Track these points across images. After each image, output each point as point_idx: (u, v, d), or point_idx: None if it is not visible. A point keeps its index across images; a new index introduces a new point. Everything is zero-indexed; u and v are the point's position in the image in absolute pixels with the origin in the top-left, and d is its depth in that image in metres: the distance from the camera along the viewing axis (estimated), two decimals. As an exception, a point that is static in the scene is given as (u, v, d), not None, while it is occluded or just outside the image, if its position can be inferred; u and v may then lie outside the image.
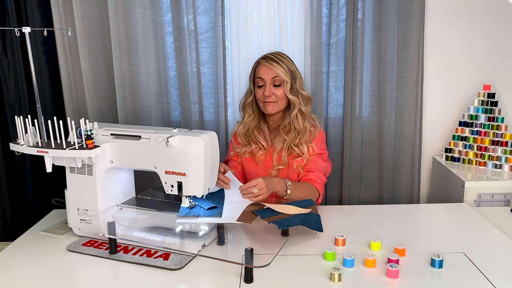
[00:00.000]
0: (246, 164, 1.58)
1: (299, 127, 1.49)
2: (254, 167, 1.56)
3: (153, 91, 1.93)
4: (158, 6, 1.88)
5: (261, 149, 1.54)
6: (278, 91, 1.47)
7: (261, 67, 1.49)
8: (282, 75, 1.46)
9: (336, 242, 1.21)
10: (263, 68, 1.48)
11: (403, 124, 1.99)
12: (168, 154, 1.19)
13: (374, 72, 1.96)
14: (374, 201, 2.08)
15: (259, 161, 1.54)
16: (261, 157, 1.54)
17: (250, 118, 1.56)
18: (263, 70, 1.48)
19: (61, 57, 1.91)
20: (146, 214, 1.29)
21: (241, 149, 1.57)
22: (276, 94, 1.47)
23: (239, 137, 1.59)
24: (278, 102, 1.49)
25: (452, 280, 1.03)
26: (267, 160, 1.55)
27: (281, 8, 1.91)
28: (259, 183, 1.29)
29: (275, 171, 1.52)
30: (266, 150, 1.54)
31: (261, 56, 1.53)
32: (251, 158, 1.57)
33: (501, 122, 1.86)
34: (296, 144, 1.49)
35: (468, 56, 1.98)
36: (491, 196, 1.67)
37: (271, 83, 1.47)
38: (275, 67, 1.45)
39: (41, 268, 1.13)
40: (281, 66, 1.46)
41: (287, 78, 1.46)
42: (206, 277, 1.08)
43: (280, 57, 1.49)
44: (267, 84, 1.47)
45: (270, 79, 1.47)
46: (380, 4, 1.87)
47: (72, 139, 1.19)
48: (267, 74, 1.47)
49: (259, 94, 1.50)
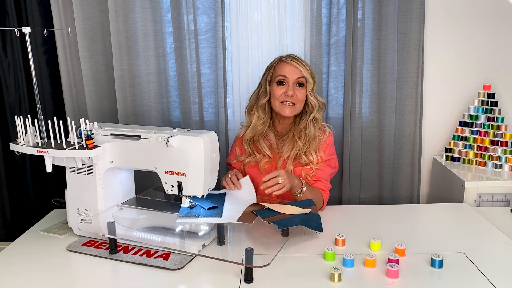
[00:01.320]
0: (249, 171, 1.54)
1: (310, 134, 1.46)
2: (257, 175, 1.51)
3: (153, 91, 1.93)
4: (158, 6, 1.88)
5: (265, 157, 1.50)
6: (300, 92, 1.43)
7: (285, 66, 1.44)
8: (307, 76, 1.42)
9: (336, 242, 1.21)
10: (287, 67, 1.43)
11: (403, 124, 1.99)
12: (168, 154, 1.19)
13: (374, 72, 1.96)
14: (374, 201, 2.08)
15: (263, 169, 1.50)
16: (265, 165, 1.50)
17: (261, 122, 1.49)
18: (287, 68, 1.43)
19: (61, 57, 1.91)
20: (146, 214, 1.29)
21: (245, 159, 1.53)
22: (298, 95, 1.42)
23: (245, 143, 1.53)
24: (297, 104, 1.44)
25: (452, 280, 1.03)
26: (271, 168, 1.50)
27: (281, 8, 1.91)
28: (281, 173, 1.27)
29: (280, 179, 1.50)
30: (272, 158, 1.50)
31: (281, 56, 1.49)
32: (255, 166, 1.52)
33: (501, 122, 1.86)
34: (305, 152, 1.46)
35: (468, 56, 1.98)
36: (491, 196, 1.67)
37: (295, 83, 1.43)
38: (301, 67, 1.42)
39: (41, 268, 1.13)
40: (304, 67, 1.43)
41: (310, 80, 1.43)
42: (206, 277, 1.08)
43: (302, 59, 1.47)
44: (290, 83, 1.42)
45: (295, 79, 1.42)
46: (380, 4, 1.87)
47: (72, 139, 1.19)
48: (292, 74, 1.42)
49: (278, 93, 1.43)
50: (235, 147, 1.60)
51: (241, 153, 1.57)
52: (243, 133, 1.56)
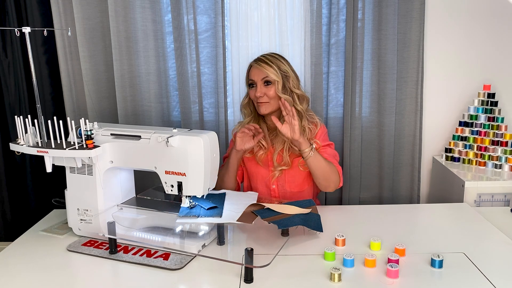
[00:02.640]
0: (248, 163, 1.61)
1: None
2: (255, 166, 1.58)
3: (153, 91, 1.93)
4: (158, 6, 1.88)
5: (261, 148, 1.56)
6: (270, 91, 1.49)
7: (252, 69, 1.52)
8: (271, 76, 1.47)
9: (336, 242, 1.21)
10: (253, 70, 1.51)
11: (403, 124, 1.99)
12: (168, 154, 1.19)
13: (374, 72, 1.96)
14: (374, 201, 2.08)
15: (260, 160, 1.56)
16: (262, 157, 1.56)
17: (248, 119, 1.59)
18: (254, 72, 1.51)
19: (61, 57, 1.91)
20: (146, 214, 1.29)
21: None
22: (268, 93, 1.49)
23: None
24: (270, 101, 1.50)
25: (452, 280, 1.03)
26: (268, 159, 1.56)
27: (281, 8, 1.91)
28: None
29: (279, 172, 1.53)
30: (267, 149, 1.56)
31: (254, 59, 1.55)
32: (252, 158, 1.58)
33: (501, 122, 1.86)
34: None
35: (468, 56, 1.98)
36: (491, 196, 1.67)
37: (262, 84, 1.49)
38: (265, 68, 1.47)
39: (41, 268, 1.13)
40: (270, 67, 1.48)
41: (277, 78, 1.47)
42: (206, 277, 1.08)
43: (271, 58, 1.51)
44: (258, 85, 1.49)
45: (260, 80, 1.49)
46: (380, 4, 1.87)
47: (72, 139, 1.19)
48: (257, 76, 1.49)
49: (251, 95, 1.53)
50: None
51: None
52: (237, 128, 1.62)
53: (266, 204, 1.29)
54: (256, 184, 1.60)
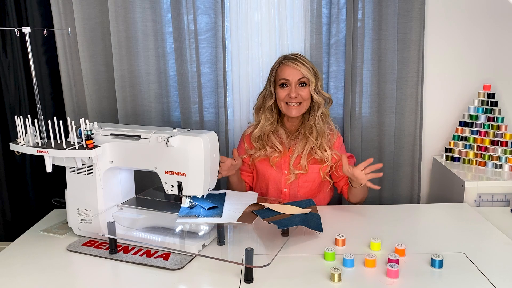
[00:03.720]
0: (260, 165, 1.57)
1: (320, 128, 1.49)
2: (268, 168, 1.55)
3: (153, 91, 1.93)
4: (158, 6, 1.88)
5: (276, 151, 1.53)
6: (304, 92, 1.46)
7: (285, 68, 1.47)
8: (308, 76, 1.45)
9: (336, 242, 1.21)
10: (288, 69, 1.46)
11: (403, 124, 1.99)
12: (168, 154, 1.19)
13: (374, 72, 1.96)
14: (374, 201, 2.08)
15: (274, 163, 1.53)
16: (276, 159, 1.53)
17: (268, 123, 1.53)
18: (289, 71, 1.46)
19: (61, 57, 1.91)
20: (146, 214, 1.29)
21: (255, 153, 1.56)
22: (302, 94, 1.45)
23: (253, 140, 1.57)
24: (303, 103, 1.47)
25: (452, 280, 1.03)
26: (282, 162, 1.53)
27: (281, 8, 1.91)
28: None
29: (294, 176, 1.51)
30: (282, 153, 1.53)
31: (281, 58, 1.51)
32: (266, 159, 1.55)
33: (501, 122, 1.86)
34: (318, 146, 1.49)
35: (468, 56, 1.98)
36: (491, 196, 1.67)
37: (297, 84, 1.45)
38: (301, 68, 1.44)
39: (41, 268, 1.13)
40: (306, 67, 1.45)
41: (312, 78, 1.45)
42: (206, 277, 1.08)
43: (304, 58, 1.49)
44: (292, 85, 1.45)
45: (296, 80, 1.45)
46: (380, 4, 1.87)
47: (72, 139, 1.19)
48: (293, 75, 1.45)
49: (282, 95, 1.47)
50: (243, 143, 1.63)
51: (250, 148, 1.60)
52: (251, 131, 1.59)
53: (266, 204, 1.29)
54: (266, 186, 1.57)
